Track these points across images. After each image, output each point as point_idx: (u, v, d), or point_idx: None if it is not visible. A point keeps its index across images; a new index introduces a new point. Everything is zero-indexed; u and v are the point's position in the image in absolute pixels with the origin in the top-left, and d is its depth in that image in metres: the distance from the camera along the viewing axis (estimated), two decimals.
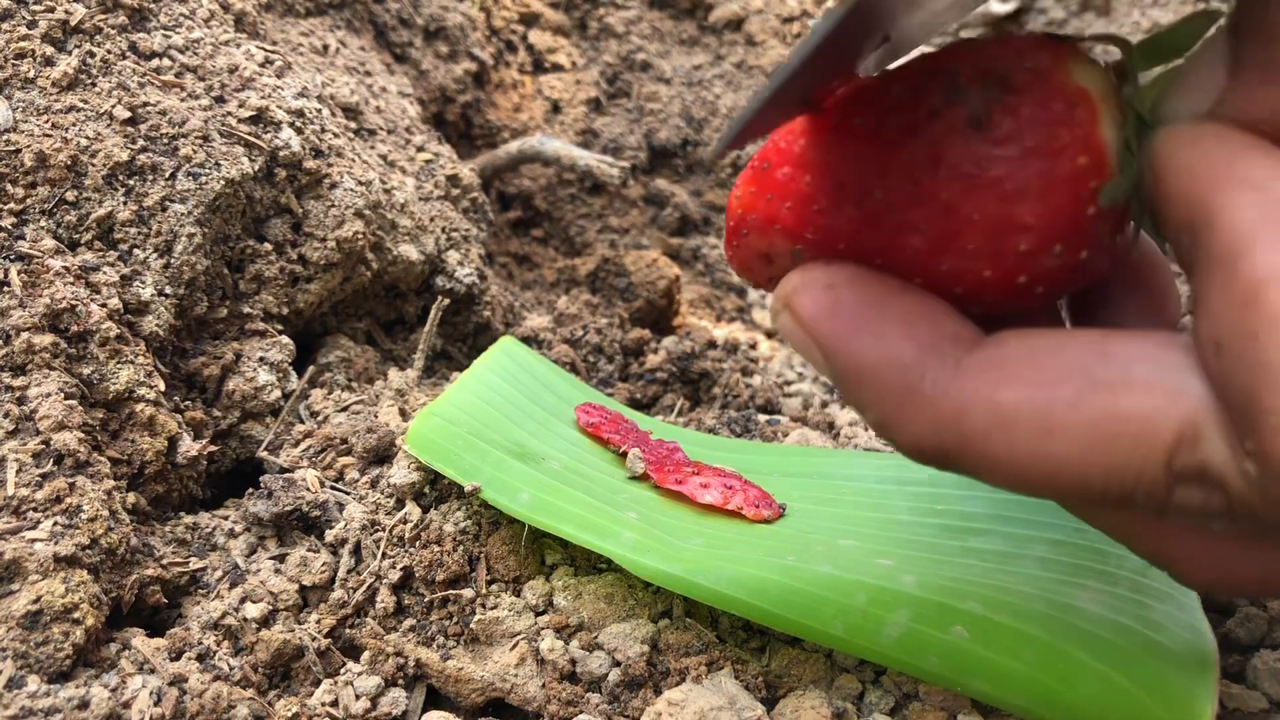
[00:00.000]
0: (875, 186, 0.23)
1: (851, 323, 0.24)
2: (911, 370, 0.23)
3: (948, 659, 0.29)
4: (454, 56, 0.82)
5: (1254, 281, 0.18)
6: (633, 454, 0.43)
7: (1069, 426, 0.21)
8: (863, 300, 0.24)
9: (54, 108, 0.44)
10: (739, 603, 0.32)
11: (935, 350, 0.23)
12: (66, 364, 0.39)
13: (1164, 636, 0.28)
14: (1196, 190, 0.20)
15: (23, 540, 0.33)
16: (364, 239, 0.52)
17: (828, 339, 0.24)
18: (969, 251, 0.23)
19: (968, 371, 0.22)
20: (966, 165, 0.22)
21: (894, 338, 0.23)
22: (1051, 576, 0.32)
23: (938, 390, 0.22)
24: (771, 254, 0.26)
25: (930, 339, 0.23)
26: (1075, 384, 0.21)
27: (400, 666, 0.35)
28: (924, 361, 0.23)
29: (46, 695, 0.31)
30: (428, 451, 0.39)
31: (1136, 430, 0.20)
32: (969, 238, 0.22)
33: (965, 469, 0.23)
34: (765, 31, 1.00)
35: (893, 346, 0.23)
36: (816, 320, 0.24)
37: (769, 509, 0.40)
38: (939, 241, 0.23)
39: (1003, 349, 0.22)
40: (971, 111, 0.22)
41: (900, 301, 0.24)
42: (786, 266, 0.26)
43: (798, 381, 0.66)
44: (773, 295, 0.26)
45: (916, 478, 0.42)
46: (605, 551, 0.35)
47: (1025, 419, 0.21)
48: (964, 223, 0.22)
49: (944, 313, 0.23)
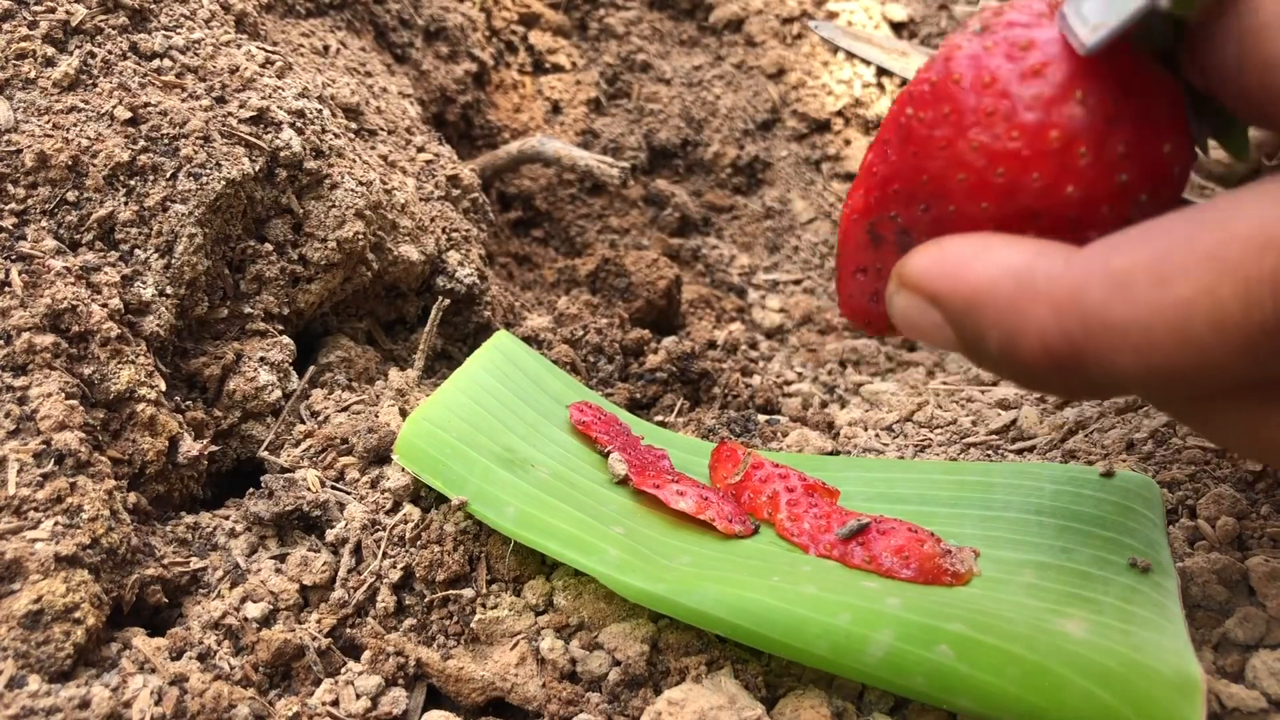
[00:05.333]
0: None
1: (961, 258, 0.25)
2: (1023, 273, 0.24)
3: (933, 678, 0.29)
4: (454, 57, 0.82)
5: None
6: (613, 458, 0.43)
7: (1188, 265, 0.21)
8: (968, 241, 0.26)
9: (55, 108, 0.44)
10: (723, 623, 0.32)
11: (1043, 254, 0.24)
12: (67, 364, 0.39)
13: (1151, 659, 0.28)
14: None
15: (24, 540, 0.33)
16: (364, 239, 0.52)
17: (939, 281, 0.25)
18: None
19: (1077, 257, 0.23)
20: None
21: (1002, 253, 0.24)
22: (1037, 604, 0.32)
23: (1052, 280, 0.23)
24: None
25: (1037, 248, 0.24)
26: (1185, 229, 0.21)
27: (401, 666, 0.35)
28: (1033, 265, 0.24)
29: (47, 695, 0.31)
30: (416, 462, 0.39)
31: (1260, 241, 0.20)
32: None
33: (1094, 358, 0.23)
34: (765, 32, 1.00)
35: (1002, 259, 0.24)
36: (928, 271, 0.26)
37: (741, 524, 0.40)
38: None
39: (1108, 236, 0.23)
40: None
41: (1001, 236, 0.25)
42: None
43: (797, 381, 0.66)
44: (887, 289, 0.28)
45: (904, 495, 0.42)
46: (590, 570, 0.35)
47: (1142, 274, 0.21)
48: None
49: (1046, 239, 0.25)
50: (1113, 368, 0.22)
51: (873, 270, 0.31)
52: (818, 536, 0.38)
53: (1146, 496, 0.37)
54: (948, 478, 0.42)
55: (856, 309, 0.33)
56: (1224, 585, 0.35)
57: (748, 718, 0.31)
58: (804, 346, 0.75)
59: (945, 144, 0.27)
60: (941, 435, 0.53)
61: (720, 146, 0.94)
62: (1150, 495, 0.38)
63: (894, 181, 0.29)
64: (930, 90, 0.27)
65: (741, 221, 0.92)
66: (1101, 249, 0.23)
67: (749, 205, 0.93)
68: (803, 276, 0.86)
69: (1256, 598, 0.35)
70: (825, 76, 0.98)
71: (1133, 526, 0.36)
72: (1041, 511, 0.38)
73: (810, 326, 0.79)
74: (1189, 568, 0.36)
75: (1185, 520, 0.39)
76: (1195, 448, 0.43)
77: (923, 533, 0.37)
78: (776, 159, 0.95)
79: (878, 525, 0.37)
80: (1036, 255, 0.24)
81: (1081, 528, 0.36)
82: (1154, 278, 0.21)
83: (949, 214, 0.27)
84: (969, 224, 0.27)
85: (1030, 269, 0.24)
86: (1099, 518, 0.37)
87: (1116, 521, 0.36)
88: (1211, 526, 0.38)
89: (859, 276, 0.32)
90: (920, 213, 0.28)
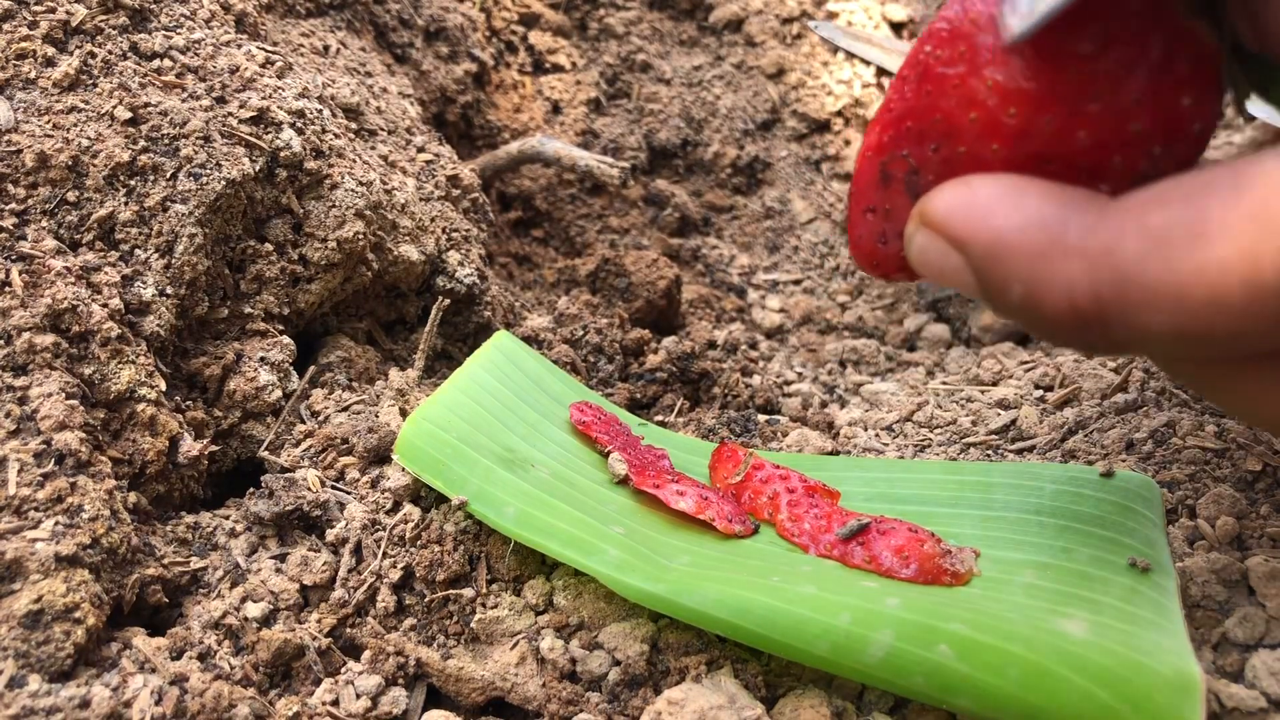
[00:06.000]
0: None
1: (988, 202, 0.24)
2: (1054, 224, 0.23)
3: (933, 678, 0.30)
4: (454, 57, 0.82)
5: None
6: (613, 458, 0.43)
7: (1228, 222, 0.20)
8: (998, 183, 0.24)
9: (55, 108, 0.44)
10: (723, 623, 0.32)
11: (1075, 205, 0.23)
12: (68, 364, 0.39)
13: (1150, 659, 0.28)
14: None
15: (24, 540, 0.33)
16: (365, 239, 0.52)
17: (965, 225, 0.24)
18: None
19: (1112, 211, 0.22)
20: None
21: (1031, 200, 0.23)
22: (1037, 604, 0.32)
23: (1085, 233, 0.22)
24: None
25: (1069, 197, 0.23)
26: (1224, 186, 0.20)
27: (401, 666, 0.35)
28: (1066, 216, 0.23)
29: (48, 694, 0.31)
30: (416, 462, 0.39)
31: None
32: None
33: (1121, 316, 0.22)
34: (765, 32, 1.00)
35: (1031, 206, 0.23)
36: (954, 212, 0.25)
37: (741, 524, 0.40)
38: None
39: (1147, 189, 0.22)
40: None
41: (1032, 180, 0.24)
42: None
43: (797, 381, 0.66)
44: (906, 228, 0.27)
45: (904, 495, 0.42)
46: (590, 570, 0.35)
47: (1180, 230, 0.20)
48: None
49: (1078, 188, 0.24)
50: (1140, 327, 0.22)
51: (881, 210, 0.31)
52: (818, 536, 0.38)
53: (1146, 496, 0.38)
54: (948, 478, 0.42)
55: (863, 249, 0.32)
56: (1223, 585, 0.35)
57: (748, 717, 0.31)
58: (804, 346, 0.75)
59: (959, 82, 0.27)
60: (941, 435, 0.53)
61: (720, 146, 0.94)
62: (1150, 495, 0.38)
63: (908, 119, 0.29)
64: (948, 29, 0.27)
65: (741, 221, 0.92)
66: (1138, 203, 0.22)
67: (749, 205, 0.93)
68: (803, 276, 0.86)
69: (1256, 597, 0.35)
70: (825, 77, 0.98)
71: (1132, 526, 0.36)
72: (1041, 511, 0.38)
73: (810, 326, 0.79)
74: (1189, 567, 0.36)
75: (1185, 520, 0.39)
76: (1195, 448, 0.43)
77: (923, 533, 0.37)
78: (776, 159, 0.95)
79: (878, 525, 0.37)
80: (1070, 206, 0.23)
81: (1081, 528, 0.36)
82: (1193, 236, 0.20)
83: (959, 155, 0.27)
84: (978, 166, 0.26)
85: (1063, 220, 0.23)
86: (1099, 518, 0.37)
87: (1116, 521, 0.36)
88: (1211, 526, 0.38)
89: (868, 216, 0.31)
90: (931, 152, 0.28)
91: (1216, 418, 0.45)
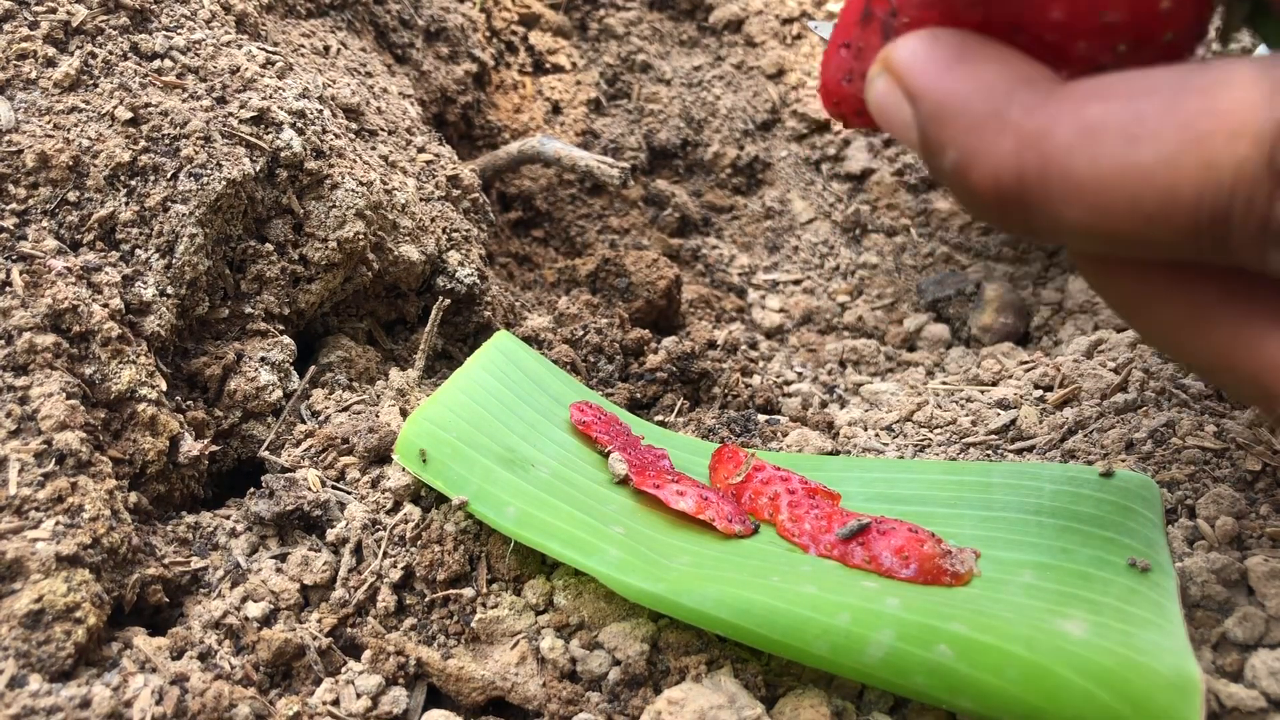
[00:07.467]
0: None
1: (947, 59, 0.24)
2: (1000, 96, 0.22)
3: (933, 678, 0.30)
4: (455, 57, 0.82)
5: None
6: (614, 457, 0.43)
7: (1160, 129, 0.20)
8: (962, 42, 0.24)
9: (56, 108, 0.44)
10: (723, 623, 0.32)
11: (1027, 82, 0.22)
12: (68, 364, 0.39)
13: (1150, 659, 0.28)
14: None
15: (25, 539, 0.33)
16: (365, 239, 0.52)
17: (919, 77, 0.24)
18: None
19: (1057, 96, 0.22)
20: None
21: (988, 69, 0.23)
22: (1037, 604, 0.32)
23: (1024, 112, 0.22)
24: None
25: (1024, 74, 0.23)
26: (1168, 90, 0.20)
27: (401, 665, 0.35)
28: (1014, 90, 0.22)
29: (48, 694, 0.31)
30: (416, 461, 0.39)
31: (1234, 125, 0.19)
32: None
33: (1042, 202, 0.22)
34: (765, 33, 1.00)
35: (985, 75, 0.23)
36: (913, 63, 0.24)
37: (741, 524, 0.40)
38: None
39: (1096, 79, 0.22)
40: None
41: (997, 48, 0.24)
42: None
43: (797, 381, 0.66)
44: (870, 69, 0.26)
45: (904, 495, 0.42)
46: (590, 570, 0.35)
47: (1113, 128, 0.20)
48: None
49: (1039, 64, 0.23)
50: (1057, 217, 0.22)
51: (855, 47, 0.30)
52: (818, 536, 0.38)
53: (1146, 496, 0.38)
54: (947, 478, 0.42)
55: (829, 86, 0.31)
56: (1223, 585, 0.35)
57: (747, 717, 0.31)
58: (804, 346, 0.75)
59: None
60: (941, 435, 0.53)
61: (720, 147, 0.94)
62: (1149, 495, 0.38)
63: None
64: None
65: (741, 221, 0.92)
66: (1081, 92, 0.21)
67: (749, 205, 0.93)
68: (803, 276, 0.86)
69: (1255, 597, 0.35)
70: None
71: (1132, 526, 0.36)
72: (1041, 512, 0.38)
73: (810, 326, 0.79)
74: (1188, 567, 0.36)
75: (1185, 520, 0.39)
76: (1194, 448, 0.43)
77: (923, 533, 0.37)
78: (776, 159, 0.95)
79: (878, 525, 0.37)
80: (1020, 81, 0.22)
81: (1081, 528, 0.36)
82: (1123, 136, 0.20)
83: (936, 2, 0.26)
84: (953, 19, 0.26)
85: (1009, 95, 0.22)
86: (1098, 518, 0.37)
87: (1116, 522, 0.36)
88: (1211, 526, 0.38)
89: (842, 51, 0.30)
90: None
91: (1216, 418, 0.45)
